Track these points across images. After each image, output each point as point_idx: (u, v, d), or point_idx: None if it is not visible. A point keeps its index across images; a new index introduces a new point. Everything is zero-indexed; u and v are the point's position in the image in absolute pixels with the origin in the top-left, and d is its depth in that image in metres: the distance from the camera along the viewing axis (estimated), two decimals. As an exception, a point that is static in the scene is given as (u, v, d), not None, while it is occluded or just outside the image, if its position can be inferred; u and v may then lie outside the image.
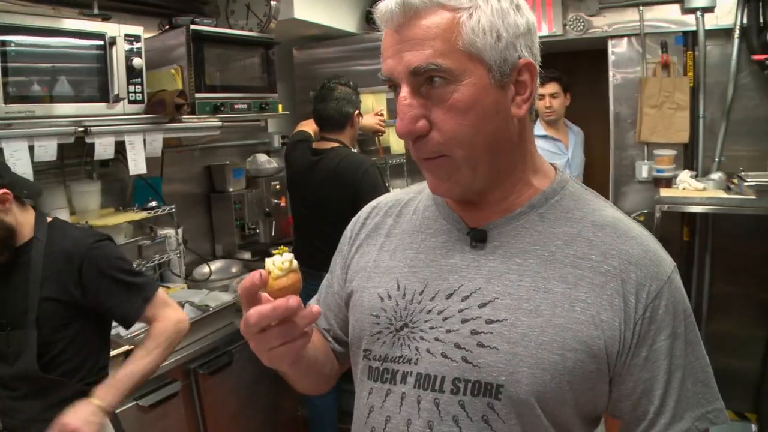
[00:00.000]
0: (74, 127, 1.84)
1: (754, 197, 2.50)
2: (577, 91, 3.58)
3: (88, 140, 1.90)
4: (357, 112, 2.54)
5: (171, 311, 1.57)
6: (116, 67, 1.93)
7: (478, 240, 0.80)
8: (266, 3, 2.55)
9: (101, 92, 1.92)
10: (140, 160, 2.08)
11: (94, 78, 1.91)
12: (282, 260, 0.72)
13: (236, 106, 2.43)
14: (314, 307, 0.72)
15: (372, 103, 3.02)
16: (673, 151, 2.96)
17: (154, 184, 2.54)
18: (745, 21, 2.74)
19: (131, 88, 1.99)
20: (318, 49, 3.30)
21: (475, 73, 0.70)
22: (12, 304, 1.44)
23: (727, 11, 2.81)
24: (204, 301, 2.35)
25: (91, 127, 1.89)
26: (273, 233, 3.11)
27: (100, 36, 1.90)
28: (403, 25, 0.71)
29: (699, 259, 3.04)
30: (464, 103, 0.70)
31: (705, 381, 0.77)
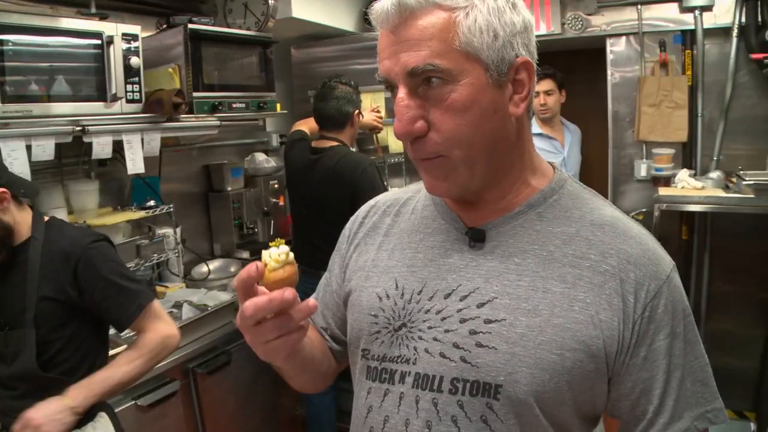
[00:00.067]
0: (72, 127, 1.84)
1: (752, 196, 2.51)
2: (576, 90, 3.57)
3: (86, 139, 1.89)
4: (357, 111, 2.53)
5: (162, 325, 1.54)
6: (114, 66, 1.93)
7: (477, 240, 0.80)
8: (264, 2, 2.54)
9: (99, 91, 1.91)
10: (138, 160, 2.07)
11: (92, 77, 1.90)
12: (279, 252, 0.71)
13: (234, 105, 2.43)
14: (310, 301, 0.72)
15: (370, 102, 3.02)
16: (672, 150, 2.96)
17: (152, 183, 2.54)
18: (744, 20, 2.74)
19: (129, 88, 1.99)
20: (316, 48, 3.30)
21: (473, 73, 0.70)
22: (10, 304, 1.43)
23: (725, 10, 2.81)
24: (202, 301, 2.35)
25: (89, 127, 1.88)
26: (271, 232, 3.10)
27: (97, 35, 1.89)
28: (399, 26, 0.70)
29: (698, 258, 3.04)
30: (462, 103, 0.70)
31: (704, 380, 0.77)
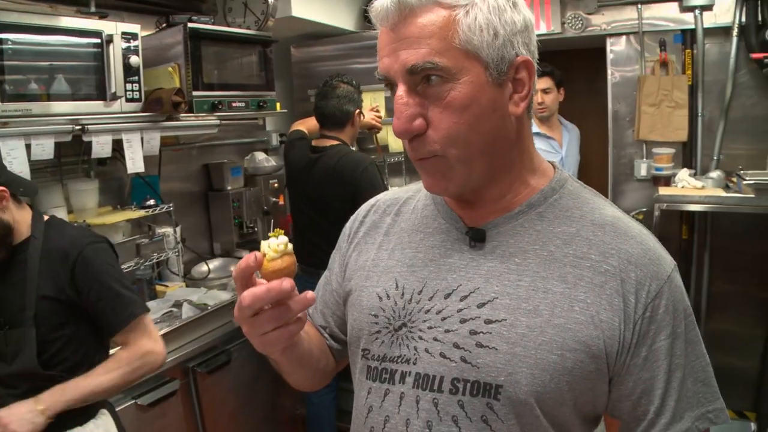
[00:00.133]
0: (71, 126, 1.84)
1: (752, 195, 2.50)
2: (576, 89, 3.57)
3: (86, 138, 1.89)
4: (358, 110, 2.53)
5: (147, 341, 1.51)
6: (113, 65, 1.92)
7: (477, 239, 0.80)
8: (264, 1, 2.54)
9: (98, 90, 1.91)
10: (138, 159, 2.07)
11: (92, 76, 1.90)
12: (277, 242, 0.71)
13: (234, 104, 2.42)
14: (308, 293, 0.71)
15: (370, 101, 3.02)
16: (672, 150, 2.96)
17: (152, 182, 2.54)
18: (744, 19, 2.74)
19: (128, 86, 1.98)
20: (316, 47, 3.30)
21: (472, 71, 0.70)
22: (9, 303, 1.43)
23: (725, 9, 2.80)
24: (202, 300, 2.35)
25: (89, 126, 1.88)
26: (271, 231, 3.10)
27: (97, 34, 1.89)
28: (399, 24, 0.70)
29: (698, 258, 3.04)
30: (461, 101, 0.70)
31: (705, 380, 0.76)
